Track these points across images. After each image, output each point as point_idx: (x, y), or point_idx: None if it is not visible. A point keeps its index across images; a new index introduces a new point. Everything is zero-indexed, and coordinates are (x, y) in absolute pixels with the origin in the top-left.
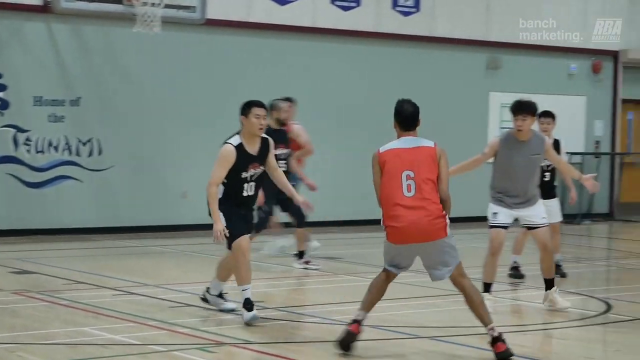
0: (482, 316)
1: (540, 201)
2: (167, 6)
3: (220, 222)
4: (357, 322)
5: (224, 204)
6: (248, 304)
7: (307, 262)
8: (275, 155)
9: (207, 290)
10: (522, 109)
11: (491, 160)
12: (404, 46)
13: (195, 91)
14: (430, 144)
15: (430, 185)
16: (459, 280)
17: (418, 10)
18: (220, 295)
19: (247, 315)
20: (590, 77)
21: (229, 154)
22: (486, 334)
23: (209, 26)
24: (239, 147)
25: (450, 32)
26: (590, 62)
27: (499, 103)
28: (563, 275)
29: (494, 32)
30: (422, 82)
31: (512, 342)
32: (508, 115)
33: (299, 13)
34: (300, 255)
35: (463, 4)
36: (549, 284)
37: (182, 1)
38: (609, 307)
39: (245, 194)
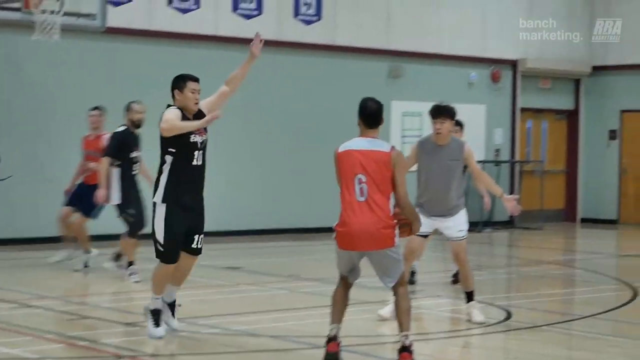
0: (402, 322)
1: (463, 212)
2: (67, 14)
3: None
4: (332, 339)
5: (169, 188)
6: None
7: (131, 274)
8: (131, 158)
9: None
10: (440, 112)
11: (415, 167)
12: (306, 55)
13: (96, 99)
14: (386, 148)
15: (382, 192)
16: (396, 286)
17: (319, 18)
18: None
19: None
20: (489, 86)
21: (176, 112)
22: (397, 341)
23: (109, 34)
24: (182, 111)
25: (352, 41)
26: (489, 71)
27: (401, 112)
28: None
29: (395, 41)
30: (323, 91)
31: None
32: (410, 123)
33: (201, 21)
34: (128, 264)
35: (364, 13)
36: (469, 297)
37: (82, 9)
38: (509, 315)
39: (195, 162)
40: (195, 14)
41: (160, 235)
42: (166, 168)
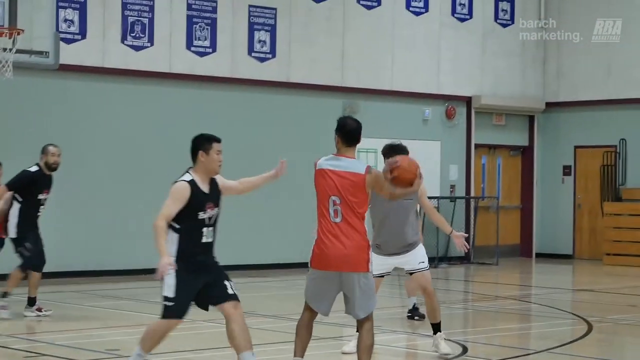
0: (361, 359)
1: (420, 246)
2: (20, 51)
3: (167, 256)
4: None
5: (178, 263)
6: None
7: (39, 310)
8: (39, 199)
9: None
10: (395, 151)
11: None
12: (260, 92)
13: (49, 136)
14: (361, 169)
15: (357, 214)
16: (364, 320)
17: (274, 56)
18: None
19: None
20: (444, 123)
21: (183, 189)
22: None
23: (63, 71)
24: (193, 184)
25: (306, 78)
26: (444, 108)
27: (356, 148)
28: (422, 317)
29: (350, 78)
30: (278, 127)
31: None
32: (365, 160)
33: (155, 59)
34: (31, 302)
35: (318, 51)
36: (435, 328)
37: (35, 46)
38: (465, 350)
39: (204, 239)
40: (149, 52)
41: (169, 290)
42: (171, 240)
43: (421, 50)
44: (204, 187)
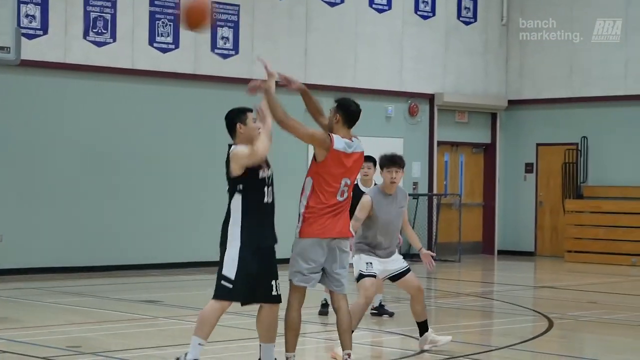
0: (344, 340)
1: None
2: None
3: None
4: None
5: (241, 229)
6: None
7: None
8: None
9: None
10: (395, 162)
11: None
12: (223, 88)
13: (10, 132)
14: (362, 147)
15: (351, 189)
16: (340, 302)
17: (237, 53)
18: None
19: None
20: (407, 120)
21: (242, 148)
22: None
23: (24, 67)
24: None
25: None
26: (406, 105)
27: None
28: (391, 315)
29: (313, 76)
30: None
31: None
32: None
33: (117, 55)
34: None
35: (281, 48)
36: (424, 327)
37: None
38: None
39: (266, 199)
40: (111, 48)
41: (230, 271)
42: (235, 208)
43: (384, 48)
44: None
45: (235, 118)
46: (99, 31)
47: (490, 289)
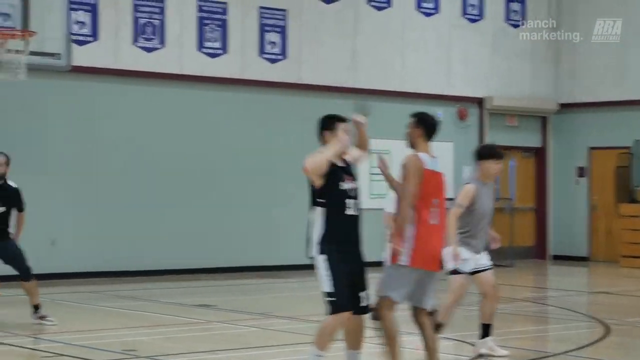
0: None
1: None
2: (33, 53)
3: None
4: None
5: (326, 241)
6: None
7: (42, 317)
8: None
9: None
10: (500, 154)
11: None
12: (270, 93)
13: (61, 138)
14: (440, 168)
15: (444, 215)
16: (423, 319)
17: (285, 57)
18: None
19: None
20: (456, 124)
21: (321, 160)
22: None
23: (75, 73)
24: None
25: (317, 79)
26: (455, 109)
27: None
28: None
29: (361, 79)
30: (289, 128)
31: None
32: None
33: (166, 60)
34: (35, 308)
35: (329, 52)
36: (486, 331)
37: (47, 48)
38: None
39: (348, 212)
40: (160, 53)
41: (327, 285)
42: (318, 220)
43: (431, 51)
44: (338, 162)
45: (325, 125)
46: (148, 37)
47: (544, 294)
